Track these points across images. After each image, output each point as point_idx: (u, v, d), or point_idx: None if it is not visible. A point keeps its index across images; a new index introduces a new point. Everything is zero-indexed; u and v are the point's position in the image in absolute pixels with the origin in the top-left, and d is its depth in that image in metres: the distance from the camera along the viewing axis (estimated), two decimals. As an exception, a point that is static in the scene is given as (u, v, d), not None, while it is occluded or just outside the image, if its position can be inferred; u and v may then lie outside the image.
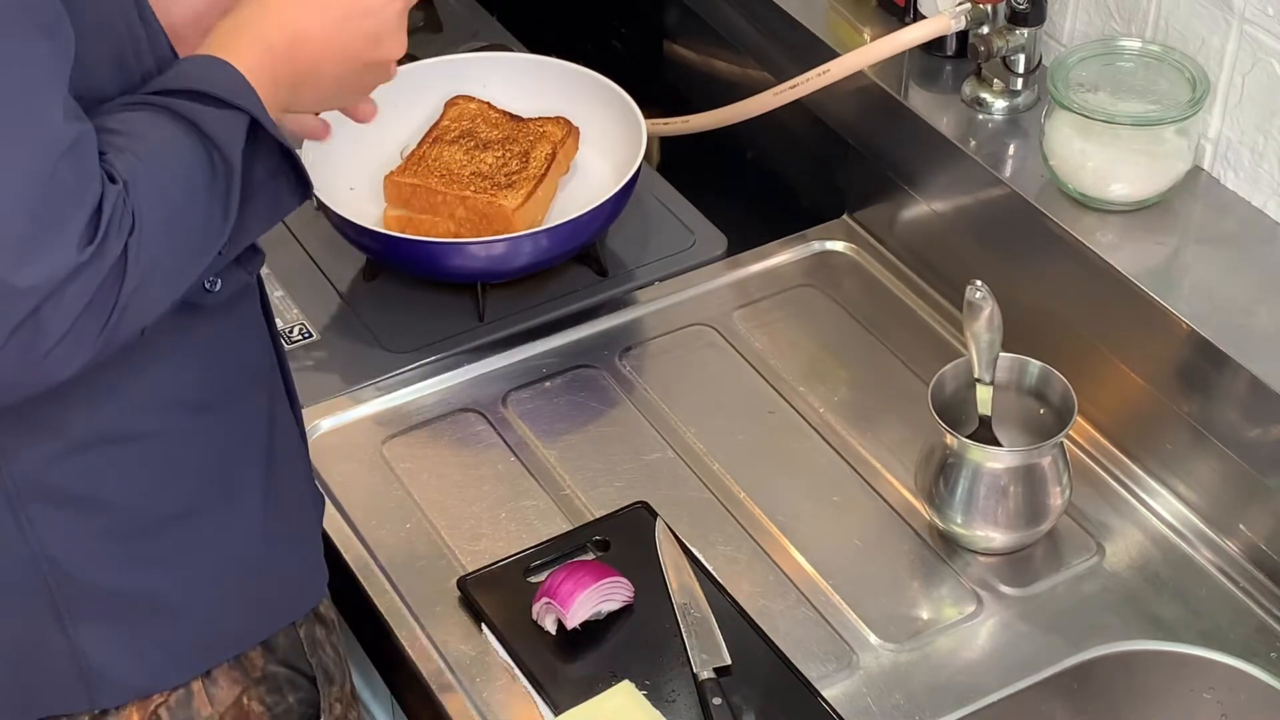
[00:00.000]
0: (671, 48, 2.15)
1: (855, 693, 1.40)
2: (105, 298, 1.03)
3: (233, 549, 1.28)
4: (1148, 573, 1.49)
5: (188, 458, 1.23)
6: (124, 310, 1.04)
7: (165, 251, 1.06)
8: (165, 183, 1.07)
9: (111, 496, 1.20)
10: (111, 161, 1.05)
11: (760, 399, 1.66)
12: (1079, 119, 1.52)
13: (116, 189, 1.03)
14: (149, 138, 1.08)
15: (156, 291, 1.07)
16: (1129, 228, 1.54)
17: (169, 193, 1.07)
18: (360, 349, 1.71)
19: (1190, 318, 1.46)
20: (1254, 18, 1.47)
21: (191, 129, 1.09)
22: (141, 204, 1.05)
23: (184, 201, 1.08)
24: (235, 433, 1.26)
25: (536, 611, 1.42)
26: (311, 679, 1.37)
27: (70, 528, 1.20)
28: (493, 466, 1.59)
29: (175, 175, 1.08)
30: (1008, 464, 1.46)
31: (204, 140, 1.09)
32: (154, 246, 1.05)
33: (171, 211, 1.07)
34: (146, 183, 1.06)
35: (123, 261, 1.03)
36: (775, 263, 1.81)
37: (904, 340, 1.71)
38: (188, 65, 1.14)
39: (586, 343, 1.72)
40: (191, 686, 1.29)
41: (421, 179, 1.74)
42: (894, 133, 1.73)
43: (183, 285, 1.11)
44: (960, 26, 1.65)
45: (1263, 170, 1.52)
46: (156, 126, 1.09)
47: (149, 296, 1.07)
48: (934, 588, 1.49)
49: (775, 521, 1.54)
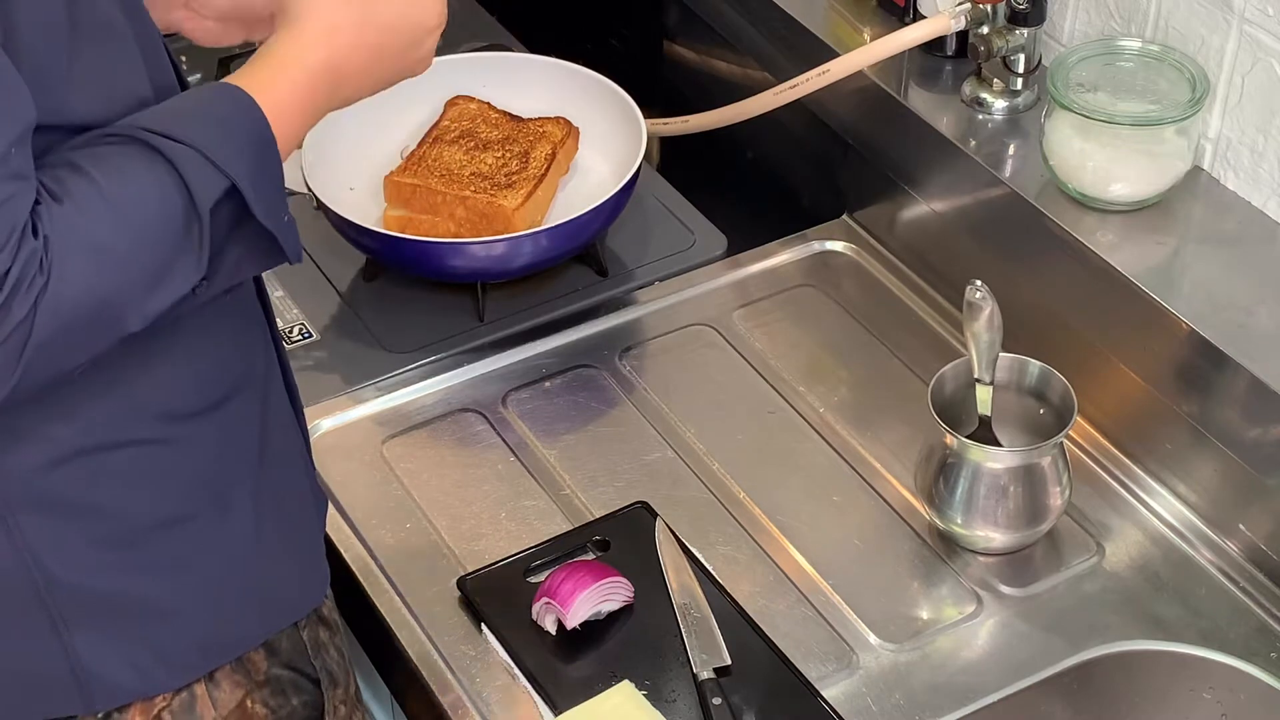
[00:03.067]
0: (671, 48, 2.15)
1: (855, 693, 1.40)
2: (7, 356, 1.04)
3: (226, 552, 1.27)
4: (1148, 573, 1.49)
5: (178, 463, 1.23)
6: (29, 365, 1.05)
7: (101, 294, 1.06)
8: (125, 219, 1.07)
9: (101, 503, 1.20)
10: (42, 213, 1.04)
11: (760, 399, 1.66)
12: (1079, 119, 1.52)
13: (33, 247, 1.02)
14: (122, 173, 1.08)
15: (83, 336, 1.08)
16: (1129, 228, 1.54)
17: (125, 229, 1.07)
18: (360, 349, 1.71)
19: (1190, 318, 1.46)
20: (1254, 18, 1.47)
21: (171, 170, 1.09)
22: (72, 254, 1.04)
23: (142, 240, 1.08)
24: (227, 437, 1.26)
25: (536, 611, 1.42)
26: (315, 681, 1.37)
27: (60, 534, 1.19)
28: (493, 466, 1.59)
29: (139, 212, 1.08)
30: (1008, 464, 1.46)
31: (180, 184, 1.09)
32: (82, 295, 1.05)
33: (127, 248, 1.07)
34: (96, 220, 1.06)
35: (29, 321, 1.03)
36: (775, 263, 1.81)
37: (904, 340, 1.71)
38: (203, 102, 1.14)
39: (586, 343, 1.72)
40: (194, 690, 1.29)
41: (421, 179, 1.74)
42: (894, 133, 1.73)
43: (133, 318, 1.10)
44: (960, 26, 1.65)
45: (1263, 170, 1.52)
46: (134, 161, 1.09)
47: (72, 343, 1.07)
48: (934, 588, 1.49)
49: (775, 521, 1.54)
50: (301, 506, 1.36)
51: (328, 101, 1.21)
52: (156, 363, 1.19)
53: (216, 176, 1.10)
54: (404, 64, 1.25)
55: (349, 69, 1.21)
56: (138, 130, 1.10)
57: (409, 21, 1.24)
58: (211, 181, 1.10)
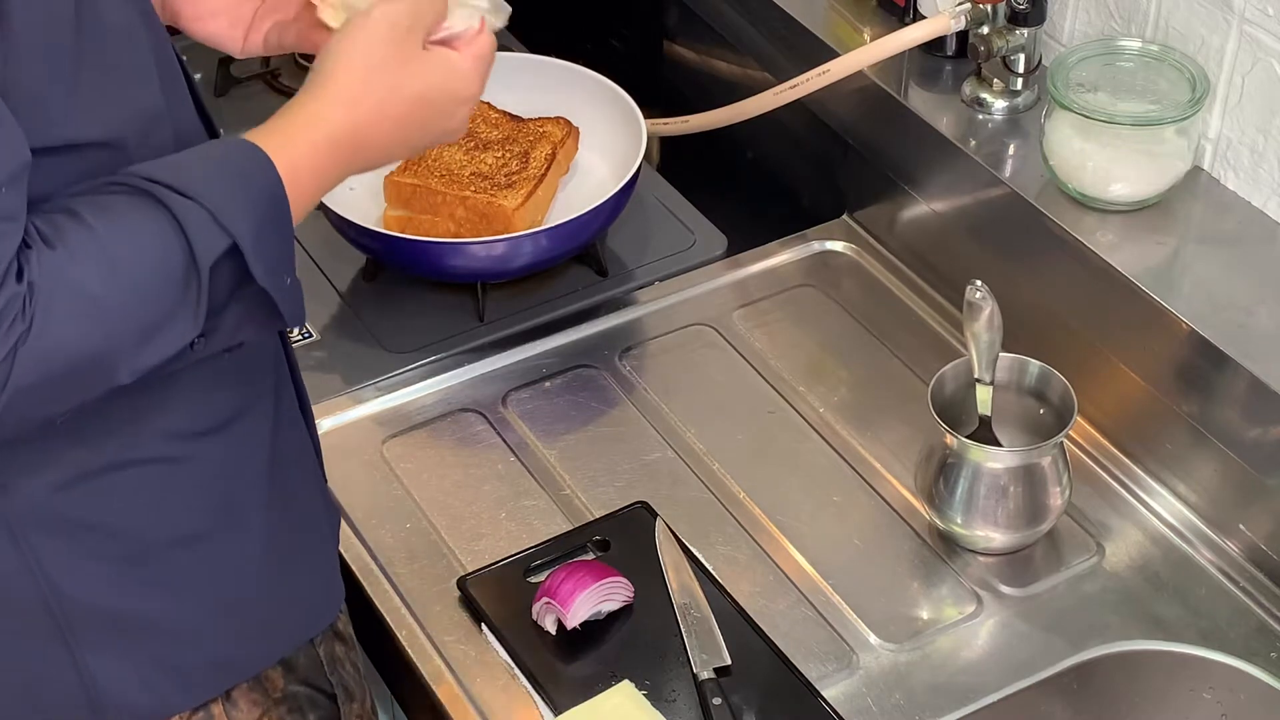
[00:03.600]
0: (671, 48, 2.15)
1: (855, 693, 1.40)
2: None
3: (240, 570, 1.26)
4: (1148, 573, 1.49)
5: (189, 481, 1.21)
6: (8, 408, 1.02)
7: (89, 345, 1.04)
8: (119, 270, 1.04)
9: (113, 522, 1.19)
10: (31, 258, 1.01)
11: (760, 399, 1.66)
12: (1079, 119, 1.52)
13: (15, 291, 1.00)
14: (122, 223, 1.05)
15: (69, 386, 1.05)
16: (1129, 228, 1.54)
17: (119, 281, 1.04)
18: (360, 349, 1.71)
19: (1190, 318, 1.46)
20: (1254, 18, 1.47)
21: (174, 224, 1.06)
22: (59, 302, 1.02)
23: (136, 293, 1.05)
24: (238, 453, 1.24)
25: (536, 611, 1.42)
26: (331, 696, 1.36)
27: (72, 554, 1.18)
28: (493, 466, 1.59)
29: (135, 264, 1.05)
30: (1008, 464, 1.46)
31: (183, 239, 1.06)
32: (68, 345, 1.03)
33: (120, 300, 1.04)
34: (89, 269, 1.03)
35: (7, 365, 1.00)
36: (775, 263, 1.81)
37: (904, 340, 1.71)
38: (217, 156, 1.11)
39: (586, 343, 1.72)
40: (211, 709, 1.27)
41: (421, 179, 1.74)
42: (894, 133, 1.73)
43: (123, 371, 1.07)
44: (960, 26, 1.65)
45: (1263, 170, 1.52)
46: (137, 212, 1.06)
47: (56, 391, 1.05)
48: (934, 588, 1.49)
49: (775, 521, 1.54)
50: (315, 521, 1.34)
51: (348, 167, 1.17)
52: (167, 383, 1.16)
53: (219, 234, 1.07)
54: (433, 134, 1.22)
55: (373, 136, 1.17)
56: (144, 180, 1.07)
57: (443, 93, 1.20)
58: (214, 238, 1.07)
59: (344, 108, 1.15)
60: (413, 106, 1.19)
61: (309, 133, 1.14)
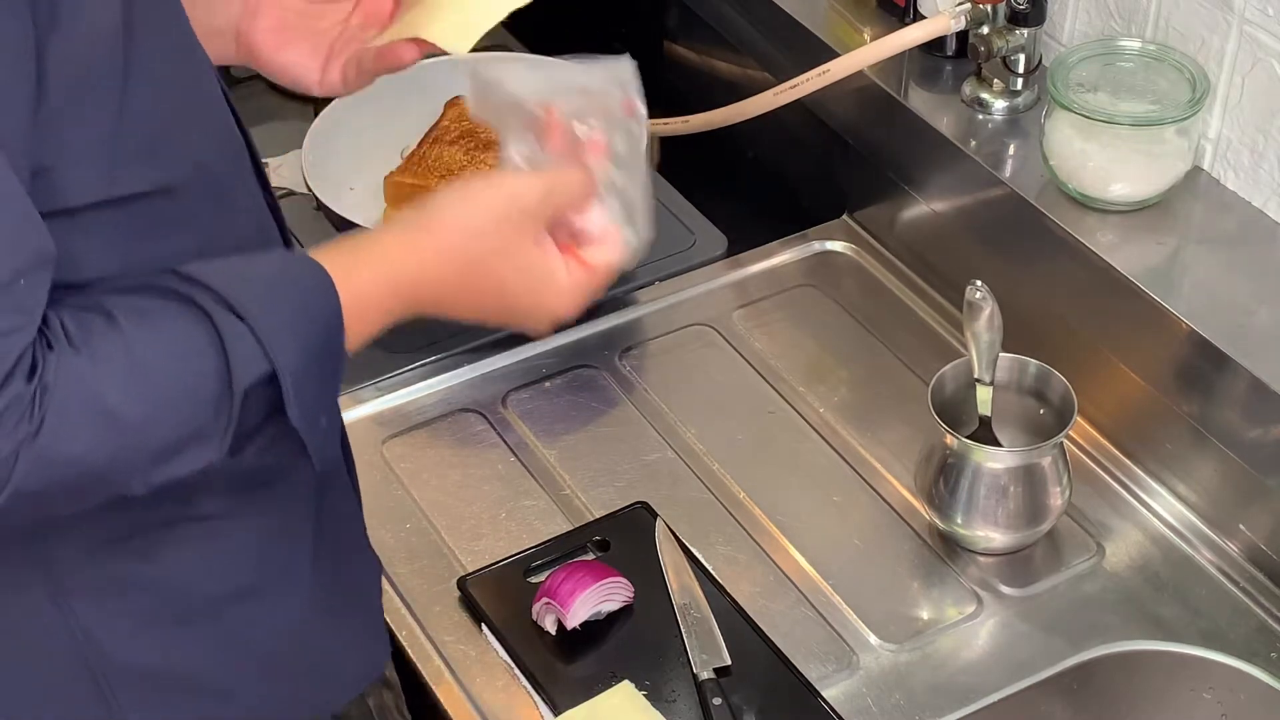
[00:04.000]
0: (671, 48, 2.15)
1: (855, 693, 1.40)
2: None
3: (284, 627, 1.22)
4: (1148, 573, 1.49)
5: (232, 537, 1.17)
6: (8, 509, 0.97)
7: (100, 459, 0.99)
8: (145, 384, 0.99)
9: (154, 580, 1.15)
10: (50, 359, 0.96)
11: (760, 399, 1.66)
12: (1079, 119, 1.52)
13: (20, 390, 0.95)
14: (158, 333, 1.00)
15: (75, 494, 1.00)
16: (1129, 228, 1.54)
17: (143, 395, 0.99)
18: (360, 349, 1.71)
19: (1190, 318, 1.45)
20: (1254, 18, 1.47)
21: (216, 341, 1.01)
22: (74, 411, 0.97)
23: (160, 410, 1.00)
24: (283, 508, 1.20)
25: (536, 611, 1.42)
26: None
27: (113, 611, 1.14)
28: (493, 466, 1.59)
29: (164, 380, 1.00)
30: (1008, 464, 1.46)
31: (222, 359, 1.01)
32: (77, 456, 0.97)
33: (141, 417, 0.99)
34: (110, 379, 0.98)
35: (8, 465, 0.95)
36: (775, 263, 1.81)
37: (904, 340, 1.71)
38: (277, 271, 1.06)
39: (586, 343, 1.72)
40: None
41: (421, 179, 1.74)
42: (894, 133, 1.73)
43: (136, 485, 1.02)
44: (960, 26, 1.65)
45: (1263, 170, 1.52)
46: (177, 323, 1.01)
47: (62, 498, 1.00)
48: (934, 588, 1.49)
49: (775, 521, 1.54)
50: (358, 575, 1.31)
51: (402, 314, 1.12)
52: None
53: (261, 358, 1.01)
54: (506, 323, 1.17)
55: (444, 299, 1.12)
56: (194, 286, 1.01)
57: (529, 297, 1.14)
58: (255, 362, 1.01)
59: (424, 263, 1.10)
60: (494, 294, 1.13)
61: (382, 268, 1.09)
